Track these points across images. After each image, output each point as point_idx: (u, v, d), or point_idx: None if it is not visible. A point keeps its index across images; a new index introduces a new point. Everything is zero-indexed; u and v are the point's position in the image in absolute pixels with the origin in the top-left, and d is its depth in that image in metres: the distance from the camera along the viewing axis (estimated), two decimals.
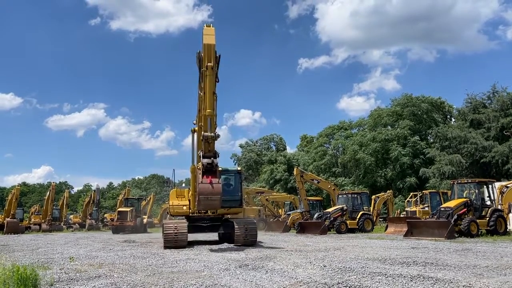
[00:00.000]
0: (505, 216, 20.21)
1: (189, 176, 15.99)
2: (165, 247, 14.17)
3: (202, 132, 13.19)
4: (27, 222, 43.75)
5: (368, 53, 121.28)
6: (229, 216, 16.39)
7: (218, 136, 13.30)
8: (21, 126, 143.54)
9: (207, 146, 13.28)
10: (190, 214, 15.96)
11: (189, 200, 16.12)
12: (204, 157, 13.19)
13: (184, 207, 16.05)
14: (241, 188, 16.90)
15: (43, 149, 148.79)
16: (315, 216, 28.24)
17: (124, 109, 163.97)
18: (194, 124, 15.57)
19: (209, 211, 15.68)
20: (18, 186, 40.94)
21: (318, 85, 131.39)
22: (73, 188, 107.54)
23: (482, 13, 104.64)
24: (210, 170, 12.96)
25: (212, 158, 13.12)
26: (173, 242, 14.24)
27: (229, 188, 16.28)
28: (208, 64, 13.00)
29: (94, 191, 51.29)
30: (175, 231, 14.27)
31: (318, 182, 32.35)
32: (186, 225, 14.83)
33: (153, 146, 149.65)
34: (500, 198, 20.72)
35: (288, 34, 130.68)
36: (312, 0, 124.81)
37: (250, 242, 14.82)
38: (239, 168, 17.43)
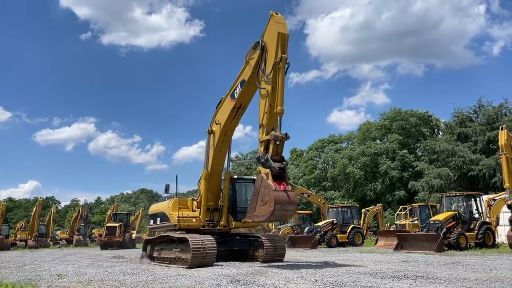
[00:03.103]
0: (493, 228, 20.43)
1: (183, 190, 14.76)
2: (191, 266, 12.48)
3: (272, 132, 11.79)
4: (13, 238, 42.82)
5: (357, 68, 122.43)
6: (240, 230, 14.89)
7: (289, 137, 12.01)
8: (9, 141, 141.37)
9: (275, 148, 11.74)
10: (201, 228, 14.53)
11: (195, 211, 14.80)
12: (274, 160, 11.56)
13: (194, 220, 14.57)
14: None
15: (31, 164, 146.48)
16: (306, 230, 28.26)
17: (115, 123, 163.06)
18: (217, 123, 14.30)
19: (219, 225, 14.55)
20: (3, 201, 40.20)
21: (308, 99, 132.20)
22: (60, 203, 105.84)
23: (469, 29, 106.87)
24: (280, 176, 11.47)
25: (283, 162, 11.74)
26: (201, 259, 12.68)
27: (244, 199, 14.94)
28: (283, 55, 11.88)
29: (82, 206, 50.52)
30: (204, 246, 12.73)
31: (308, 196, 32.45)
32: (213, 239, 13.18)
33: (143, 160, 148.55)
34: (488, 211, 20.95)
35: None
36: (302, 16, 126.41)
37: (278, 259, 13.94)
38: (254, 177, 15.45)
